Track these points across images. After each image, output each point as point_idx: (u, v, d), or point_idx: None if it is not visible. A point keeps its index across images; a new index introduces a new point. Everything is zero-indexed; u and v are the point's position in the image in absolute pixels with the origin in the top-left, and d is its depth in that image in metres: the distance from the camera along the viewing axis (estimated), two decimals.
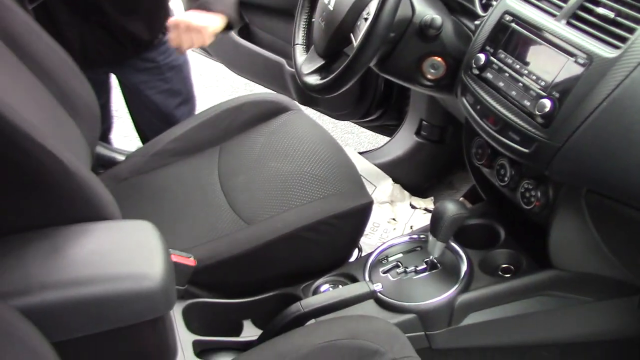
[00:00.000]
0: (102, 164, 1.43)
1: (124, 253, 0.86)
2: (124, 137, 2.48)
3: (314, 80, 1.26)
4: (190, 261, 1.12)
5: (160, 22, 1.56)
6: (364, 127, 2.31)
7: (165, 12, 1.58)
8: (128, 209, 1.21)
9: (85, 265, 0.84)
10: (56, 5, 1.43)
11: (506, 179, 1.15)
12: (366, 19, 1.15)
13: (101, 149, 1.45)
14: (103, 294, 0.81)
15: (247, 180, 1.27)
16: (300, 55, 1.36)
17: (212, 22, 1.40)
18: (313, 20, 1.35)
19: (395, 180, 1.94)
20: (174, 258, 1.09)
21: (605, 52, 0.89)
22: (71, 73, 1.20)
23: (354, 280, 1.16)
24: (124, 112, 1.80)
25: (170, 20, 1.39)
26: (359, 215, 1.28)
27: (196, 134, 1.46)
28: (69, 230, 0.88)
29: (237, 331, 1.17)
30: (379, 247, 1.23)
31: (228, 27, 1.46)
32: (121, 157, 1.46)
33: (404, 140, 1.97)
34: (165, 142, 1.45)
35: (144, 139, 1.76)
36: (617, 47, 0.88)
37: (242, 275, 1.21)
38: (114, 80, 1.72)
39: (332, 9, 1.23)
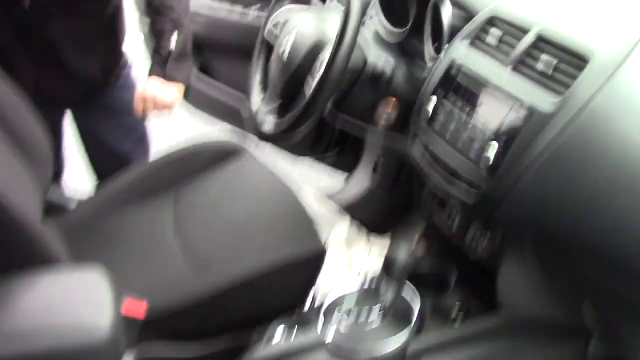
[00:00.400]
0: (53, 210, 1.41)
1: (73, 303, 0.85)
2: (77, 178, 2.45)
3: (269, 122, 1.27)
4: (142, 309, 1.10)
5: (114, 63, 1.57)
6: (321, 164, 2.33)
7: (119, 54, 1.59)
8: (79, 256, 1.18)
9: (31, 317, 0.82)
10: (11, 45, 1.42)
11: (455, 225, 1.18)
12: (321, 65, 1.18)
13: (53, 195, 1.42)
14: (50, 347, 0.79)
15: (202, 227, 1.27)
16: (257, 97, 1.38)
17: (176, 94, 1.51)
18: (271, 62, 1.37)
19: (351, 222, 1.95)
20: (126, 306, 1.07)
21: (546, 103, 0.92)
22: (26, 116, 1.19)
23: (306, 328, 1.16)
24: (79, 153, 1.79)
25: (138, 94, 1.49)
26: (313, 263, 1.28)
27: (150, 179, 1.45)
28: (16, 279, 0.86)
29: None
30: (332, 293, 1.23)
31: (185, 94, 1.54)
32: (73, 203, 1.44)
33: (360, 182, 1.98)
34: (118, 187, 1.44)
35: (99, 179, 1.75)
36: (557, 99, 0.91)
37: (195, 323, 1.20)
38: (69, 120, 1.71)
39: (287, 56, 1.25)
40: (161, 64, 1.48)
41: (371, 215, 2.02)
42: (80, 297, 0.86)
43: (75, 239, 1.29)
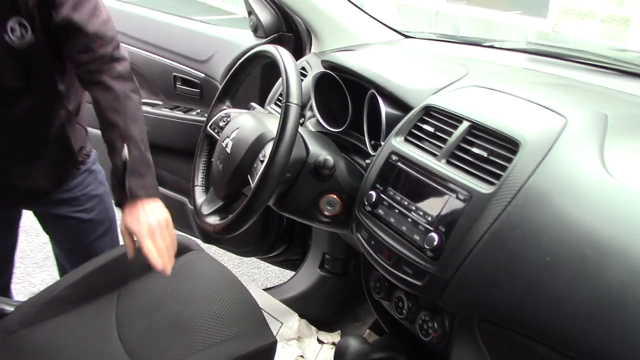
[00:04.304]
0: None
1: None
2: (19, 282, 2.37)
3: (213, 221, 1.27)
4: None
5: (66, 170, 1.53)
6: (268, 262, 2.32)
7: (72, 161, 1.54)
8: None
9: None
10: None
11: (404, 311, 1.18)
12: (262, 161, 1.20)
13: None
14: None
15: (146, 327, 1.23)
16: (199, 196, 1.38)
17: (162, 210, 1.34)
18: (212, 161, 1.39)
19: (301, 316, 1.93)
20: None
21: (482, 188, 0.96)
22: None
23: None
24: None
25: (143, 239, 1.28)
26: (263, 355, 1.25)
27: (92, 279, 1.41)
28: None
29: None
30: None
31: None
32: (10, 308, 1.37)
33: (308, 275, 1.98)
34: (58, 289, 1.39)
35: (63, 273, 1.68)
36: (492, 184, 0.95)
37: None
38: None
39: (229, 151, 1.27)
40: (120, 187, 1.34)
41: (320, 310, 2.00)
42: None
43: (11, 347, 1.23)
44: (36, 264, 2.44)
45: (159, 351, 1.21)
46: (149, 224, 1.29)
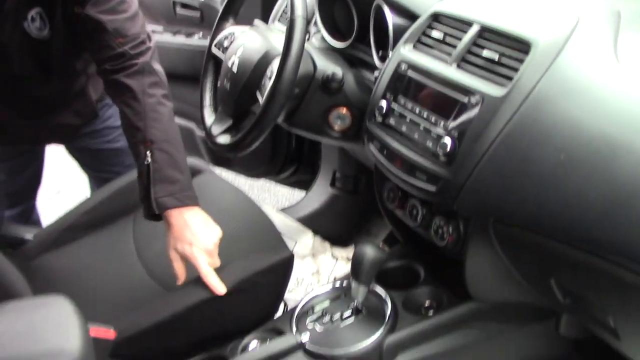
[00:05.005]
0: (9, 244, 1.37)
1: (37, 330, 0.82)
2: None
3: (224, 140, 1.27)
4: (110, 334, 1.08)
5: (89, 107, 1.54)
6: (279, 183, 2.34)
7: (92, 105, 1.55)
8: (41, 288, 1.16)
9: None
10: None
11: (418, 218, 1.19)
12: (270, 77, 1.19)
13: (8, 228, 1.39)
14: None
15: (164, 247, 1.25)
16: (208, 117, 1.38)
17: (207, 221, 1.23)
18: (219, 85, 1.37)
19: (315, 233, 1.96)
20: (93, 332, 1.05)
21: (494, 91, 0.95)
22: None
23: (281, 334, 1.15)
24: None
25: (200, 264, 1.18)
26: (281, 269, 1.28)
27: (108, 204, 1.43)
28: None
29: None
30: (303, 298, 1.23)
31: None
32: (29, 235, 1.40)
33: (319, 193, 2.00)
34: (76, 216, 1.41)
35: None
36: (504, 86, 0.95)
37: (165, 343, 1.18)
38: None
39: (236, 70, 1.26)
40: (147, 198, 1.22)
41: (333, 227, 2.03)
42: (45, 325, 0.84)
43: (33, 272, 1.26)
44: (50, 198, 2.47)
45: None
46: (205, 248, 1.19)
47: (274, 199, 2.67)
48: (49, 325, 0.83)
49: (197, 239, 1.19)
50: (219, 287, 1.17)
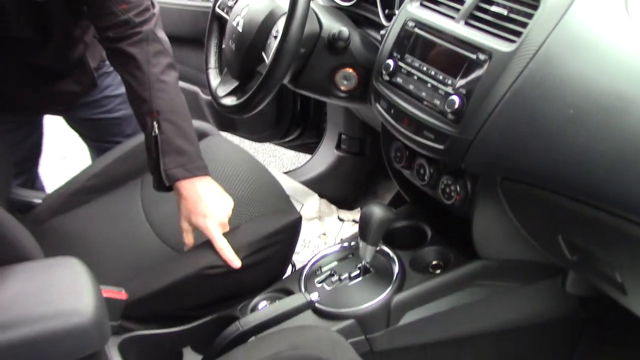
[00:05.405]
0: (18, 208, 1.38)
1: (51, 291, 0.83)
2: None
3: (230, 101, 1.26)
4: (122, 295, 1.09)
5: (87, 75, 1.52)
6: (285, 147, 2.34)
7: (90, 73, 1.53)
8: (51, 251, 1.16)
9: (10, 307, 0.80)
10: None
11: (426, 177, 1.19)
12: (276, 37, 1.17)
13: (16, 192, 1.39)
14: (33, 335, 0.77)
15: (173, 210, 1.25)
16: (214, 78, 1.37)
17: (220, 192, 1.22)
18: (224, 46, 1.36)
19: (321, 196, 1.96)
20: (104, 293, 1.06)
21: (503, 47, 0.94)
22: None
23: (290, 294, 1.16)
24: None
25: (215, 237, 1.18)
26: (289, 231, 1.28)
27: (115, 168, 1.43)
28: None
29: None
30: (311, 258, 1.24)
31: None
32: (38, 200, 1.41)
33: (325, 156, 2.00)
34: (83, 179, 1.42)
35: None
36: (513, 42, 0.93)
37: (176, 304, 1.19)
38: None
39: (241, 30, 1.24)
40: (156, 170, 1.21)
41: (338, 190, 2.03)
42: (58, 285, 0.85)
43: (43, 236, 1.27)
44: (55, 163, 2.49)
45: None
46: (220, 221, 1.19)
47: (279, 163, 2.67)
48: (62, 286, 0.84)
49: (210, 211, 1.19)
50: (235, 261, 1.17)
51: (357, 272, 1.17)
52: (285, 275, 1.29)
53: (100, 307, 0.82)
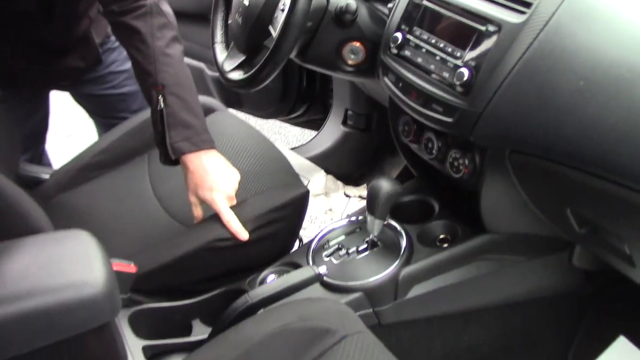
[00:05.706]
0: (26, 184, 1.38)
1: (62, 263, 0.84)
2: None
3: (237, 76, 1.26)
4: (131, 268, 1.10)
5: (92, 50, 1.52)
6: (291, 124, 2.33)
7: (94, 48, 1.53)
8: (60, 226, 1.17)
9: (22, 279, 0.81)
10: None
11: (434, 151, 1.19)
12: (283, 10, 1.17)
13: (24, 168, 1.40)
14: (45, 305, 0.78)
15: (180, 185, 1.26)
16: (220, 53, 1.36)
17: (226, 165, 1.23)
18: (230, 20, 1.35)
19: (327, 172, 1.97)
20: (115, 266, 1.07)
21: (513, 18, 0.93)
22: None
23: (298, 267, 1.17)
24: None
25: (222, 210, 1.19)
26: (297, 205, 1.29)
27: (122, 144, 1.44)
28: (1, 246, 0.85)
29: (187, 332, 1.15)
30: (319, 232, 1.25)
31: None
32: (46, 175, 1.42)
33: (331, 132, 2.00)
34: (90, 155, 1.42)
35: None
36: (523, 13, 0.93)
37: (185, 277, 1.20)
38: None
39: (247, 4, 1.24)
40: (162, 144, 1.21)
41: (345, 166, 2.03)
42: (69, 256, 0.85)
43: (51, 211, 1.27)
44: (61, 141, 2.49)
45: None
46: (227, 194, 1.20)
47: (285, 140, 2.67)
48: (73, 258, 0.85)
49: (217, 184, 1.19)
50: (242, 234, 1.18)
51: (365, 245, 1.18)
52: (293, 250, 1.30)
53: (111, 279, 0.83)
